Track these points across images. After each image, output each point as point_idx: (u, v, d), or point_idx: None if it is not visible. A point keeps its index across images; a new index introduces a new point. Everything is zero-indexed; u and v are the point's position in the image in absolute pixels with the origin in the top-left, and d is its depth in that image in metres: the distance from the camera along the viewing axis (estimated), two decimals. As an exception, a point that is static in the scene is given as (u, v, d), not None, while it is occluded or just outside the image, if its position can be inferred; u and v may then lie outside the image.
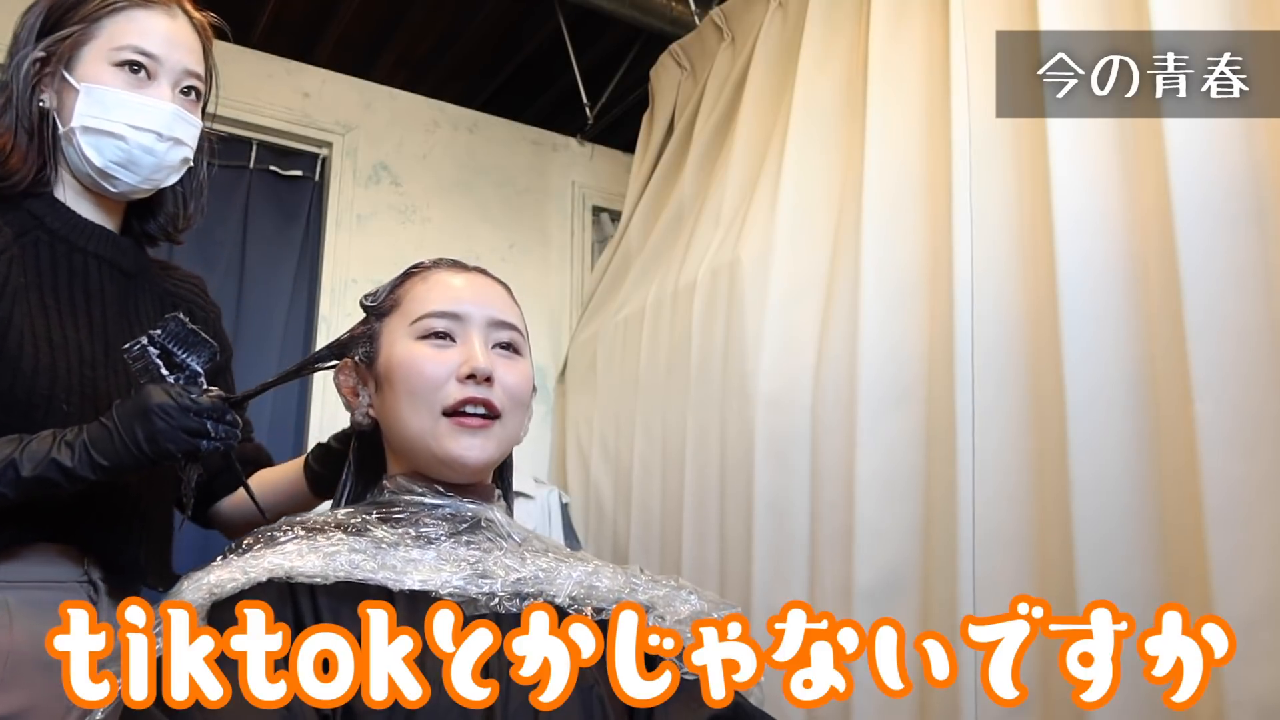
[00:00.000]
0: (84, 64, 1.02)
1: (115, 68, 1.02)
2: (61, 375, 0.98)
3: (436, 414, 0.86)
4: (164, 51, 1.05)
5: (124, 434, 0.89)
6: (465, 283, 0.94)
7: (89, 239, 1.06)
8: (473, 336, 0.89)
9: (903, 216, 1.65)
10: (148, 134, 1.03)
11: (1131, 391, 1.27)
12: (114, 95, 1.02)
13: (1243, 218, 1.20)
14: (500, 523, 0.89)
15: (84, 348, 1.02)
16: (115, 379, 1.04)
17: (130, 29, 1.03)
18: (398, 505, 0.87)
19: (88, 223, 1.07)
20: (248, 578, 0.75)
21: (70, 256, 1.04)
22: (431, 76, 2.89)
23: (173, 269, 1.23)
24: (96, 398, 1.00)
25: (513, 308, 0.96)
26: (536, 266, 2.92)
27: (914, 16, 1.76)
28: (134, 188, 1.07)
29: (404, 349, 0.89)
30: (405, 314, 0.91)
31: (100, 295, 1.06)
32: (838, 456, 1.65)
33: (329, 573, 0.76)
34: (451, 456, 0.86)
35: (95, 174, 1.04)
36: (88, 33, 1.02)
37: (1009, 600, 1.34)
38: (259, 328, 2.51)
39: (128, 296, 1.10)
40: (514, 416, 0.91)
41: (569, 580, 0.83)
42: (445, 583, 0.79)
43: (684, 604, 0.86)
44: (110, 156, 1.03)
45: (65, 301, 1.02)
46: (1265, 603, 1.10)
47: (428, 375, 0.87)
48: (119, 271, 1.09)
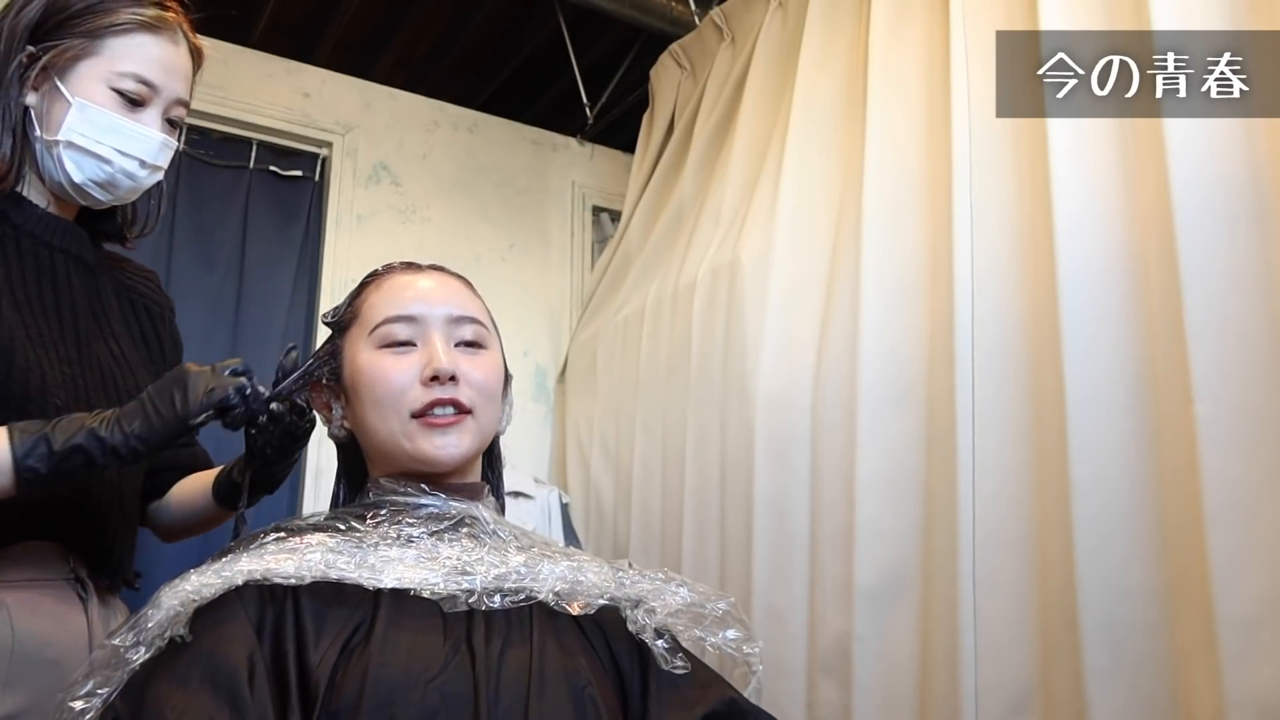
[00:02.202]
0: (80, 79, 1.01)
1: (112, 91, 1.02)
2: (48, 372, 0.98)
3: (405, 418, 0.87)
4: (162, 80, 1.04)
5: (158, 402, 0.89)
6: (421, 284, 0.93)
7: (54, 234, 1.05)
8: (433, 337, 0.89)
9: (903, 216, 1.65)
10: (133, 160, 1.04)
11: (1131, 391, 1.27)
12: (107, 119, 1.01)
13: (1243, 218, 1.20)
14: (485, 520, 0.88)
15: (59, 346, 1.01)
16: (92, 376, 1.03)
17: (133, 54, 1.02)
18: (382, 505, 0.87)
19: (52, 217, 1.05)
20: (224, 581, 0.75)
21: (37, 252, 1.03)
22: (431, 76, 2.89)
23: (127, 262, 1.20)
24: (77, 395, 1.00)
25: (473, 300, 0.95)
26: (536, 266, 2.92)
27: (914, 16, 1.76)
28: (101, 203, 1.07)
29: (365, 359, 0.89)
30: (364, 324, 0.91)
31: (69, 292, 1.05)
32: (838, 456, 1.65)
33: (304, 573, 0.76)
34: (426, 456, 0.86)
35: (69, 187, 1.03)
36: (90, 48, 1.01)
37: (1009, 600, 1.35)
38: (259, 328, 2.51)
39: (93, 292, 1.09)
40: (486, 410, 0.91)
41: (552, 575, 0.82)
42: (424, 580, 0.78)
43: (674, 596, 0.85)
44: (90, 175, 1.03)
45: (35, 298, 1.01)
46: (1265, 603, 1.10)
47: (392, 382, 0.87)
48: (83, 265, 1.08)
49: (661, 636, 0.82)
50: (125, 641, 0.71)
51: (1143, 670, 1.20)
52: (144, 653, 0.71)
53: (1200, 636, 1.14)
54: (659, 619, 0.82)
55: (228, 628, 0.73)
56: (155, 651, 0.71)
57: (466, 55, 2.81)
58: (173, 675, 0.70)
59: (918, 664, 1.48)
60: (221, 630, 0.73)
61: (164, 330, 1.20)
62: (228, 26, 2.55)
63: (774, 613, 1.70)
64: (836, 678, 1.57)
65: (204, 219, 2.51)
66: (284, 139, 2.65)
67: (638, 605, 0.83)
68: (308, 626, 0.74)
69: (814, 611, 1.65)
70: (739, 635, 0.84)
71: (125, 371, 1.08)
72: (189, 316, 2.37)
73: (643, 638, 0.82)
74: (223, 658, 0.71)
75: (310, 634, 0.74)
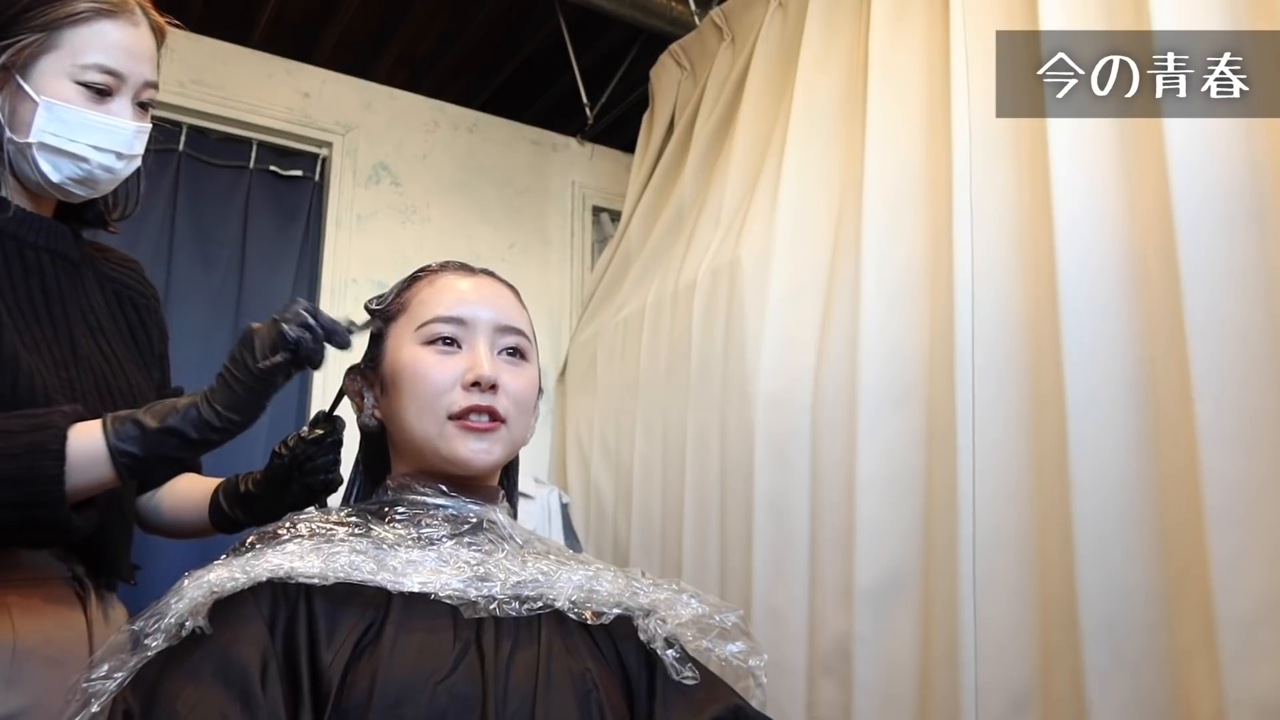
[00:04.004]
0: (43, 76, 0.97)
1: (77, 85, 0.98)
2: (47, 377, 0.98)
3: (442, 419, 0.87)
4: (127, 67, 1.01)
5: (233, 369, 0.88)
6: (472, 287, 0.94)
7: (36, 232, 1.03)
8: (478, 342, 0.90)
9: (903, 216, 1.65)
10: (108, 154, 1.01)
11: (1131, 391, 1.27)
12: (77, 115, 0.99)
13: (1243, 218, 1.20)
14: (503, 525, 0.89)
15: (53, 349, 1.01)
16: (86, 377, 1.03)
17: (95, 44, 0.99)
18: (401, 505, 0.87)
19: (32, 215, 1.04)
20: (249, 577, 0.76)
21: (22, 253, 1.02)
22: (431, 76, 2.89)
23: (109, 250, 1.19)
24: (75, 398, 0.99)
25: (520, 312, 0.96)
26: (536, 266, 2.92)
27: (914, 16, 1.76)
28: (82, 198, 1.06)
29: (410, 354, 0.89)
30: (412, 318, 0.91)
31: (57, 292, 1.04)
32: (838, 456, 1.65)
33: (329, 574, 0.76)
34: (459, 459, 0.86)
35: (48, 186, 1.02)
36: (48, 42, 0.97)
37: (1009, 599, 1.35)
38: (259, 328, 2.51)
39: (78, 289, 1.08)
40: (519, 421, 0.91)
41: (569, 584, 0.83)
42: (445, 585, 0.79)
43: (685, 607, 0.85)
44: (68, 174, 1.01)
45: (26, 302, 1.00)
46: (1265, 603, 1.10)
47: (433, 381, 0.87)
48: (67, 262, 1.07)
49: (672, 646, 0.82)
50: (145, 627, 0.72)
51: (1143, 670, 1.20)
52: (161, 641, 0.71)
53: (1200, 636, 1.14)
54: (669, 629, 0.83)
55: (242, 624, 0.73)
56: (172, 641, 0.71)
57: (466, 55, 2.82)
58: (185, 669, 0.70)
59: (918, 664, 1.48)
60: (235, 627, 0.73)
61: (150, 321, 1.18)
62: (228, 26, 2.55)
63: (774, 613, 1.70)
64: (837, 677, 1.57)
65: (204, 219, 2.51)
66: (284, 139, 2.65)
67: (649, 615, 0.84)
68: (320, 626, 0.75)
69: (814, 611, 1.65)
70: (745, 648, 0.85)
71: (115, 369, 1.08)
72: (189, 316, 2.38)
73: (653, 647, 0.82)
74: (236, 654, 0.71)
75: (323, 633, 0.74)
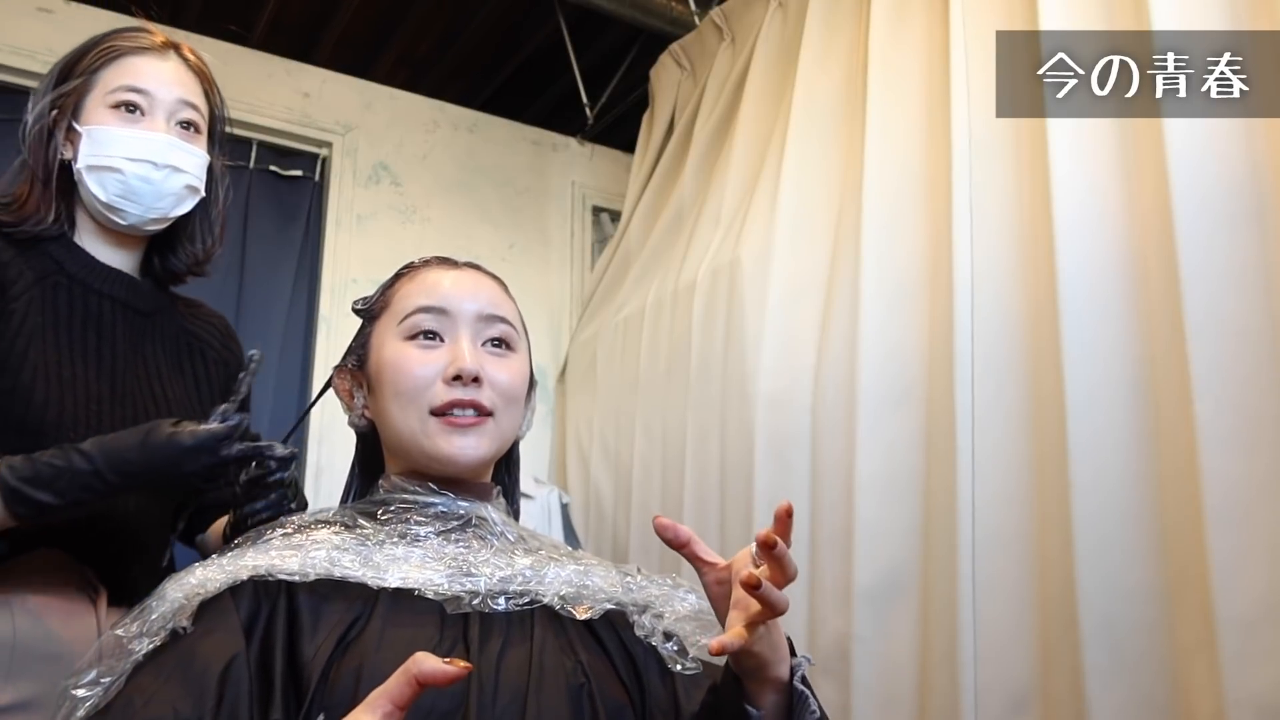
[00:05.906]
0: (87, 111, 1.09)
1: (112, 109, 1.09)
2: (69, 409, 1.02)
3: (425, 414, 0.85)
4: (155, 86, 1.11)
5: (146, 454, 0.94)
6: (453, 278, 0.92)
7: (104, 281, 1.11)
8: (461, 334, 0.88)
9: (903, 216, 1.66)
10: (144, 164, 1.08)
11: (1131, 391, 1.27)
12: (110, 132, 1.08)
13: (1243, 218, 1.20)
14: (493, 521, 0.88)
15: (91, 385, 1.06)
16: (121, 413, 1.07)
17: (124, 72, 1.10)
18: (390, 503, 0.87)
19: (104, 266, 1.12)
20: (228, 576, 0.75)
21: (86, 299, 1.09)
22: (431, 76, 2.89)
23: (197, 306, 1.27)
24: (100, 431, 1.01)
25: (505, 301, 0.94)
26: (536, 266, 2.92)
27: (914, 16, 1.76)
28: (142, 218, 1.11)
29: (391, 350, 0.88)
30: (394, 313, 0.90)
31: (112, 336, 1.10)
32: (838, 456, 1.65)
33: (308, 569, 0.76)
34: (444, 455, 0.85)
35: (103, 209, 1.09)
36: (89, 83, 1.10)
37: (1009, 599, 1.35)
38: (259, 328, 2.51)
39: (142, 336, 1.14)
40: (508, 414, 0.89)
41: (557, 579, 0.81)
42: (428, 580, 0.78)
43: (682, 602, 0.84)
44: (112, 190, 1.08)
45: (79, 341, 1.07)
46: (1265, 602, 1.10)
47: (415, 376, 0.86)
48: (135, 312, 1.13)
49: (670, 639, 0.82)
50: (129, 631, 0.72)
51: (1143, 670, 1.20)
52: (147, 643, 0.71)
53: (1200, 636, 1.14)
54: (666, 624, 0.82)
55: (215, 622, 0.73)
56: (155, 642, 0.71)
57: (466, 55, 2.82)
58: (152, 666, 0.70)
59: (917, 664, 1.48)
60: (209, 624, 0.73)
61: (215, 374, 1.22)
62: (227, 27, 2.55)
63: (774, 613, 1.70)
64: (836, 678, 1.56)
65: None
66: (284, 139, 2.65)
67: (644, 610, 0.83)
68: (304, 621, 0.74)
69: (813, 611, 1.65)
70: None
71: (164, 411, 1.12)
72: (189, 316, 2.39)
73: (651, 642, 0.81)
74: (200, 651, 0.71)
75: (306, 628, 0.74)
